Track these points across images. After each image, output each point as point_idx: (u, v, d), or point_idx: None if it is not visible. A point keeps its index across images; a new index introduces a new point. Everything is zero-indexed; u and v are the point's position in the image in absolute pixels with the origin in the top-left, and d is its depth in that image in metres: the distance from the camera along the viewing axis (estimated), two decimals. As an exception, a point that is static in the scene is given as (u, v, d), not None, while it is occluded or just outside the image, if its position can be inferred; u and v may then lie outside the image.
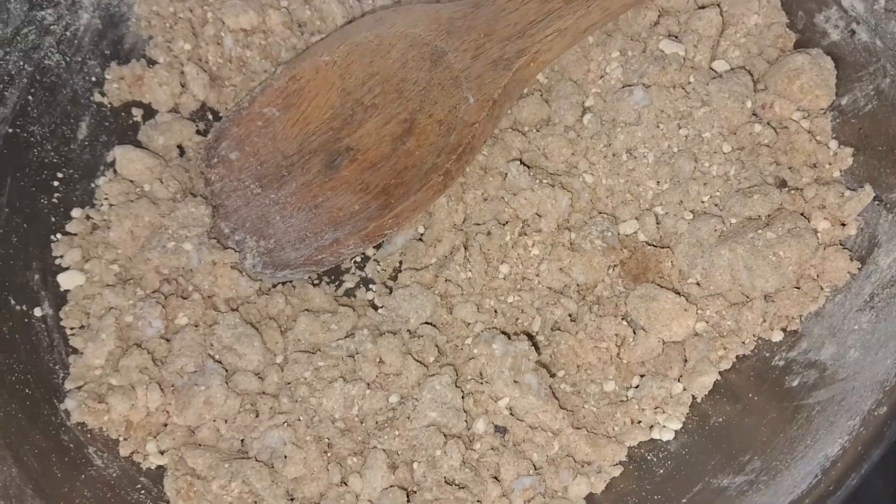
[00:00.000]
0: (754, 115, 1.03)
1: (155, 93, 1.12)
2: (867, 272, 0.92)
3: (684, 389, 0.96)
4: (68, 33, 1.08)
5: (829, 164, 1.00)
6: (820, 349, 0.91)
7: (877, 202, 0.94)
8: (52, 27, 1.06)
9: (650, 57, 1.05)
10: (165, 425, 0.96)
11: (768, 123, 1.02)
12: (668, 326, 0.97)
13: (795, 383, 0.91)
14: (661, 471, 0.94)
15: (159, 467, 0.95)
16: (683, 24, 1.07)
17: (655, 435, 0.96)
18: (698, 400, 0.97)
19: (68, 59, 1.08)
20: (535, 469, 0.93)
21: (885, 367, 0.82)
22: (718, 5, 1.07)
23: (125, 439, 0.95)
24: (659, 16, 1.08)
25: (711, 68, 1.05)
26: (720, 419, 0.94)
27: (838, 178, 0.99)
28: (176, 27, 1.13)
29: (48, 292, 1.01)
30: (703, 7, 1.07)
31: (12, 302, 0.98)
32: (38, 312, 0.99)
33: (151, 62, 1.13)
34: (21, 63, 1.04)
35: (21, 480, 0.88)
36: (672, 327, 0.97)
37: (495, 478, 0.93)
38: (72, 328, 1.00)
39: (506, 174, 1.04)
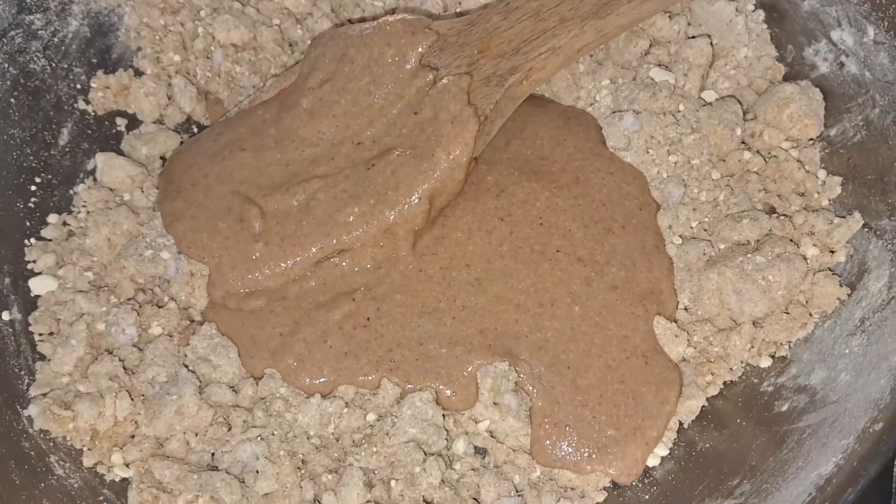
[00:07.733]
0: (743, 143, 1.03)
1: (140, 103, 1.10)
2: (857, 297, 0.91)
3: (671, 415, 0.94)
4: (56, 39, 1.06)
5: (818, 193, 1.00)
6: (810, 374, 0.90)
7: (866, 229, 0.94)
8: (39, 32, 1.04)
9: (640, 84, 1.05)
10: (133, 436, 0.92)
11: (757, 152, 1.02)
12: (658, 352, 0.95)
13: (785, 408, 0.89)
14: (647, 497, 0.90)
15: (124, 480, 0.90)
16: (674, 55, 1.08)
17: (641, 461, 0.93)
18: (685, 426, 0.94)
19: (54, 64, 1.06)
20: (517, 492, 0.90)
21: (878, 386, 0.80)
22: (708, 36, 1.08)
23: (90, 449, 0.90)
24: (650, 45, 1.08)
25: (701, 98, 1.06)
26: (707, 445, 0.92)
27: (827, 207, 0.99)
28: (166, 39, 1.12)
29: (18, 296, 0.97)
30: (693, 38, 1.08)
31: (-21, 305, 0.94)
32: (6, 316, 0.95)
33: (139, 73, 1.11)
34: (5, 65, 1.01)
35: (-23, 486, 0.83)
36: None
37: (475, 499, 0.89)
38: (40, 334, 0.96)
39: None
